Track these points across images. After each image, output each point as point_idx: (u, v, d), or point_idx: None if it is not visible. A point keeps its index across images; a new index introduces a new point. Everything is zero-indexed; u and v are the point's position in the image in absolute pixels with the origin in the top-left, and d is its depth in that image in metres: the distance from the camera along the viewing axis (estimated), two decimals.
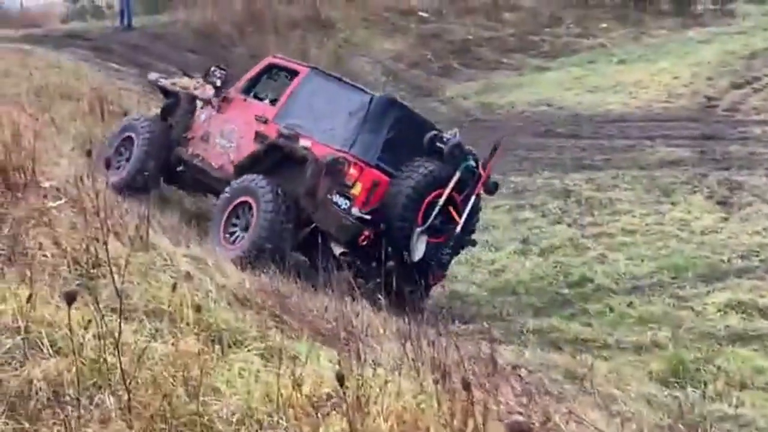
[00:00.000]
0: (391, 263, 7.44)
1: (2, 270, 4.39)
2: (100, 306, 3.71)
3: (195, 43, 19.72)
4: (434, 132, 8.38)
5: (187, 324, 4.42)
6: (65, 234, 4.84)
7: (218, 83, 9.25)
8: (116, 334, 3.32)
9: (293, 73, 9.14)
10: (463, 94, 19.66)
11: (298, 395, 3.76)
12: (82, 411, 3.24)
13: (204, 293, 5.15)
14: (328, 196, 7.94)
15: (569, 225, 11.26)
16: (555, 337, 8.00)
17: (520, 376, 6.12)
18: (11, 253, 4.59)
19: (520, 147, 13.94)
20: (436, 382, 4.79)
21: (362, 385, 4.14)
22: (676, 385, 6.71)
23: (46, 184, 5.46)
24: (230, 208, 8.17)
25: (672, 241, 10.39)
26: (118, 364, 3.30)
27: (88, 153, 4.30)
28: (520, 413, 4.74)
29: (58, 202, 5.27)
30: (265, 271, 6.84)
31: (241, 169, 8.46)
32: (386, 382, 4.43)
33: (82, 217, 4.87)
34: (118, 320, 3.40)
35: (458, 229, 8.18)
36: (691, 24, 23.49)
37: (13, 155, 5.39)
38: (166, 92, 10.02)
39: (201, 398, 3.55)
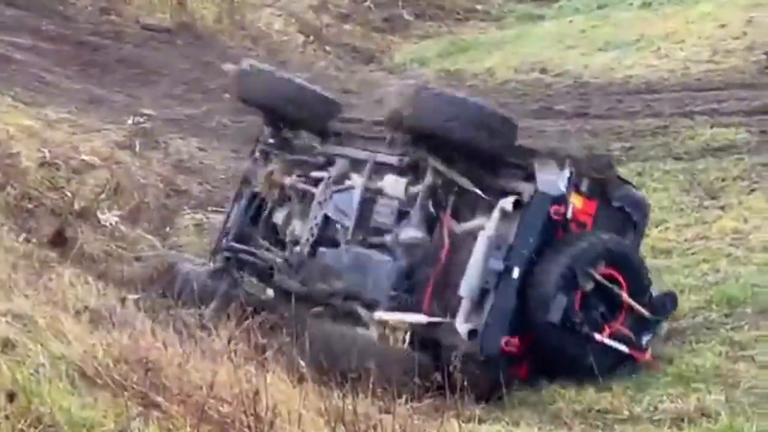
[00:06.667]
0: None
1: None
2: None
3: None
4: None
5: (6, 417, 4.38)
6: None
7: None
8: None
9: None
10: (419, 58, 19.80)
11: None
12: None
13: (32, 369, 5.11)
14: (568, 163, 8.71)
15: None
16: (558, 409, 8.05)
17: None
18: None
19: None
20: None
21: None
22: None
23: None
24: None
25: (723, 262, 10.52)
26: None
27: None
28: None
29: None
30: (128, 329, 6.79)
31: None
32: None
33: None
34: None
35: (596, 337, 8.56)
36: None
37: None
38: None
39: None
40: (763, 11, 17.92)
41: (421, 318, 8.67)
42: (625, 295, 8.70)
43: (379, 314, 8.74)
